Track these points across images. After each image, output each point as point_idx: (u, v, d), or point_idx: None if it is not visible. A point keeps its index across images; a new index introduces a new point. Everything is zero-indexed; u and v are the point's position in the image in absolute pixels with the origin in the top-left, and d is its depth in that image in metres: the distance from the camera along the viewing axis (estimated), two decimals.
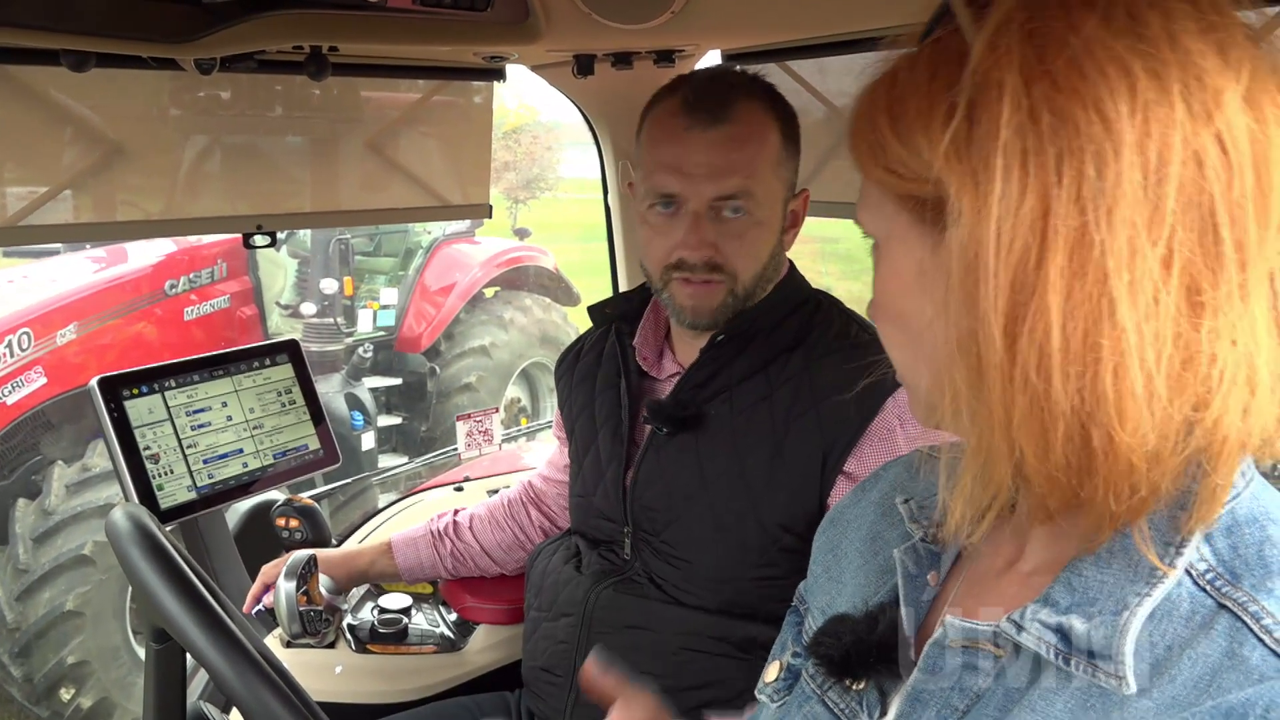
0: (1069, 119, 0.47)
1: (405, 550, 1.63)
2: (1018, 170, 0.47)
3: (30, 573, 3.79)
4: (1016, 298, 0.48)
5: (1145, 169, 0.46)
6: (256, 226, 1.64)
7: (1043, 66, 0.47)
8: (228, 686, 0.85)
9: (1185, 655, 0.48)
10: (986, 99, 0.48)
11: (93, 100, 1.45)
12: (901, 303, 0.59)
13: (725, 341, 1.26)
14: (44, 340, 4.25)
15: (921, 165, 0.52)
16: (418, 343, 6.22)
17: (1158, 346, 0.47)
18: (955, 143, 0.49)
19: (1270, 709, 0.44)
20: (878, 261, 0.61)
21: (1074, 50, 0.47)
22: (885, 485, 0.79)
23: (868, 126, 0.56)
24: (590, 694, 0.90)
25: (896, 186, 0.55)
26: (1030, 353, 0.48)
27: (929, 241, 0.55)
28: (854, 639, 0.66)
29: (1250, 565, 0.49)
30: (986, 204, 0.48)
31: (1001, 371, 0.49)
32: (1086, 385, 0.47)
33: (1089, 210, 0.46)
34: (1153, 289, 0.46)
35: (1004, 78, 0.48)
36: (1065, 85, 0.47)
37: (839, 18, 1.39)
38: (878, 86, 0.56)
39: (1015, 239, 0.47)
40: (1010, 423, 0.49)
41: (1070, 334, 0.47)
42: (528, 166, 17.37)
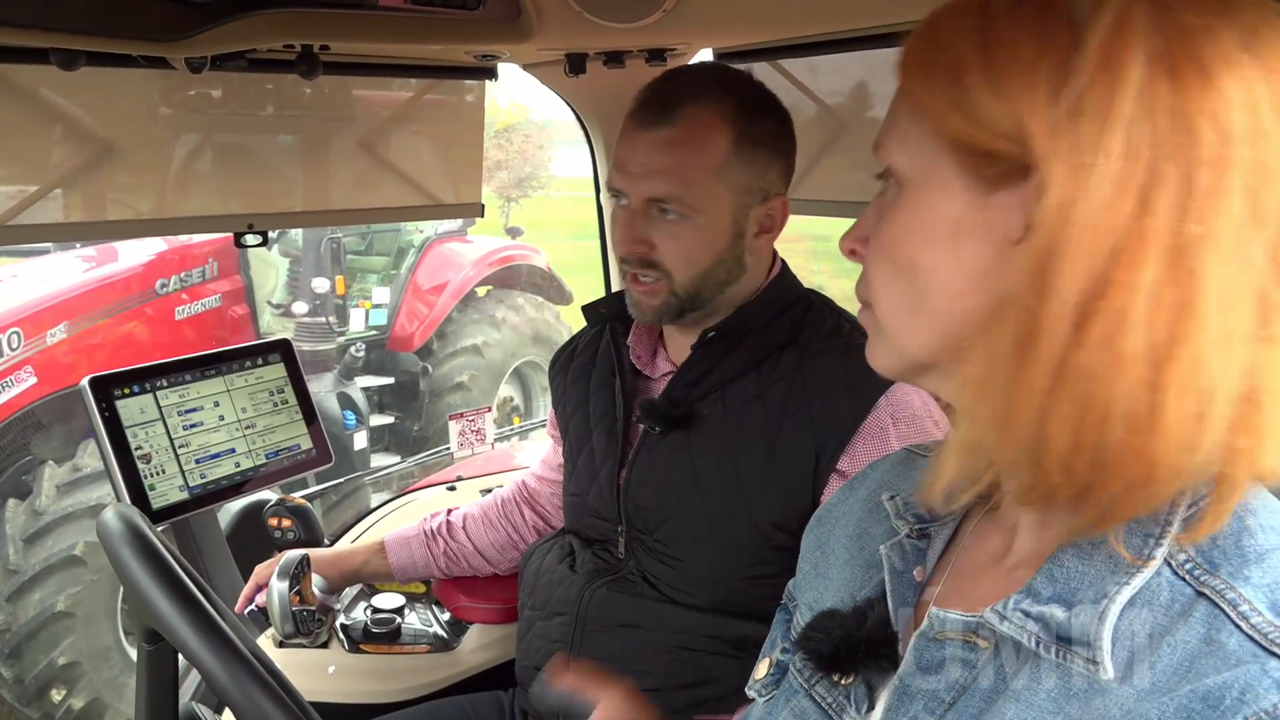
0: (1189, 125, 0.47)
1: (398, 550, 1.63)
2: (1125, 160, 0.47)
3: (21, 573, 3.77)
4: (1096, 289, 0.47)
5: (1246, 196, 0.47)
6: (248, 226, 1.63)
7: (1170, 64, 0.47)
8: (220, 687, 0.84)
9: (1165, 642, 0.49)
10: (1105, 78, 0.48)
11: (83, 99, 1.45)
12: (918, 252, 0.57)
13: (716, 340, 1.26)
14: (34, 340, 4.23)
15: (1006, 121, 0.50)
16: (410, 342, 6.21)
17: (1229, 373, 0.47)
18: (1063, 112, 0.48)
19: (1245, 691, 0.45)
20: (897, 201, 0.58)
21: (1207, 58, 0.47)
22: (872, 483, 0.79)
23: (948, 60, 0.53)
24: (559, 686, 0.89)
25: (967, 133, 0.52)
26: (1099, 347, 0.47)
27: (973, 198, 0.54)
28: (843, 634, 0.66)
29: (1228, 554, 0.50)
30: (1084, 184, 0.47)
31: (1058, 357, 0.48)
32: (1149, 395, 0.47)
33: (1194, 221, 0.46)
34: (1236, 314, 0.47)
35: (1128, 63, 0.47)
36: (1192, 91, 0.47)
37: (831, 16, 1.39)
38: (965, 18, 0.54)
39: (1108, 229, 0.47)
40: (1049, 407, 0.49)
41: (1148, 341, 0.47)
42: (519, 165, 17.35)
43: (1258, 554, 0.50)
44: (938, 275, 0.56)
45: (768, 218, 1.24)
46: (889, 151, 0.59)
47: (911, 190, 0.57)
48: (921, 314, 0.58)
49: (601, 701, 0.91)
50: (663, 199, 1.19)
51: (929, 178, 0.56)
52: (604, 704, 0.91)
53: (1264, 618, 0.47)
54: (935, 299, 0.56)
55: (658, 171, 1.18)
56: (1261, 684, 0.45)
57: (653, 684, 1.24)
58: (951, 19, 0.54)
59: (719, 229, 1.21)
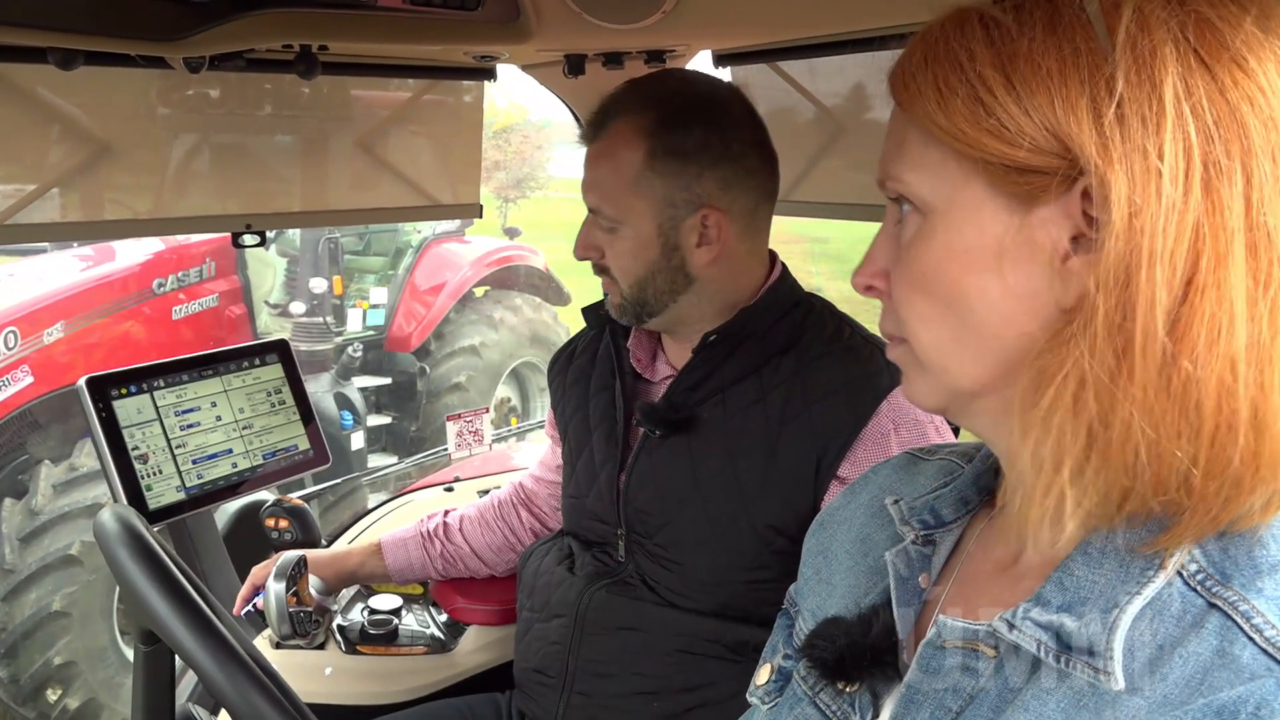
0: (1236, 116, 0.46)
1: (395, 551, 1.62)
2: (1183, 158, 0.46)
3: (17, 573, 3.76)
4: (1184, 295, 0.46)
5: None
6: (245, 226, 1.63)
7: (1200, 57, 0.47)
8: (217, 688, 0.84)
9: (1177, 654, 0.48)
10: (1141, 79, 0.47)
11: (80, 98, 1.44)
12: (960, 282, 0.54)
13: (716, 343, 1.26)
14: (31, 339, 4.23)
15: (1044, 135, 0.49)
16: (407, 342, 6.21)
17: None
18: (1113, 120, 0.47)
19: (1260, 707, 0.44)
20: (923, 232, 0.56)
21: (1235, 46, 0.47)
22: (874, 488, 0.78)
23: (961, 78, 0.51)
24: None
25: (996, 152, 0.50)
26: (1209, 354, 0.46)
27: (1013, 218, 0.52)
28: (848, 641, 0.65)
29: (1240, 565, 0.50)
30: (1151, 189, 0.47)
31: (1164, 369, 0.47)
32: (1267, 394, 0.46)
33: (1268, 212, 0.46)
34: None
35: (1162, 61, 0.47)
36: (1229, 81, 0.46)
37: (830, 18, 1.39)
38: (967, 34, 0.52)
39: (1185, 230, 0.46)
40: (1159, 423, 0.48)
41: (1252, 339, 0.46)
42: (518, 166, 17.35)
43: (1270, 565, 0.49)
44: (986, 302, 0.53)
45: (703, 231, 1.22)
46: (904, 181, 0.56)
47: (941, 217, 0.55)
48: (968, 345, 0.55)
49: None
50: (594, 210, 1.26)
51: (957, 202, 0.54)
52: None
53: (1277, 630, 0.46)
54: (985, 327, 0.54)
55: (588, 184, 1.25)
56: (1277, 699, 0.44)
57: (651, 687, 1.24)
58: (955, 36, 0.52)
59: (645, 240, 1.23)
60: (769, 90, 1.71)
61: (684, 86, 1.25)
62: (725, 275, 1.26)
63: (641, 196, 1.21)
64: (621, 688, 1.26)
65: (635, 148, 1.20)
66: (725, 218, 1.22)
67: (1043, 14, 0.50)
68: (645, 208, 1.21)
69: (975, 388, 0.57)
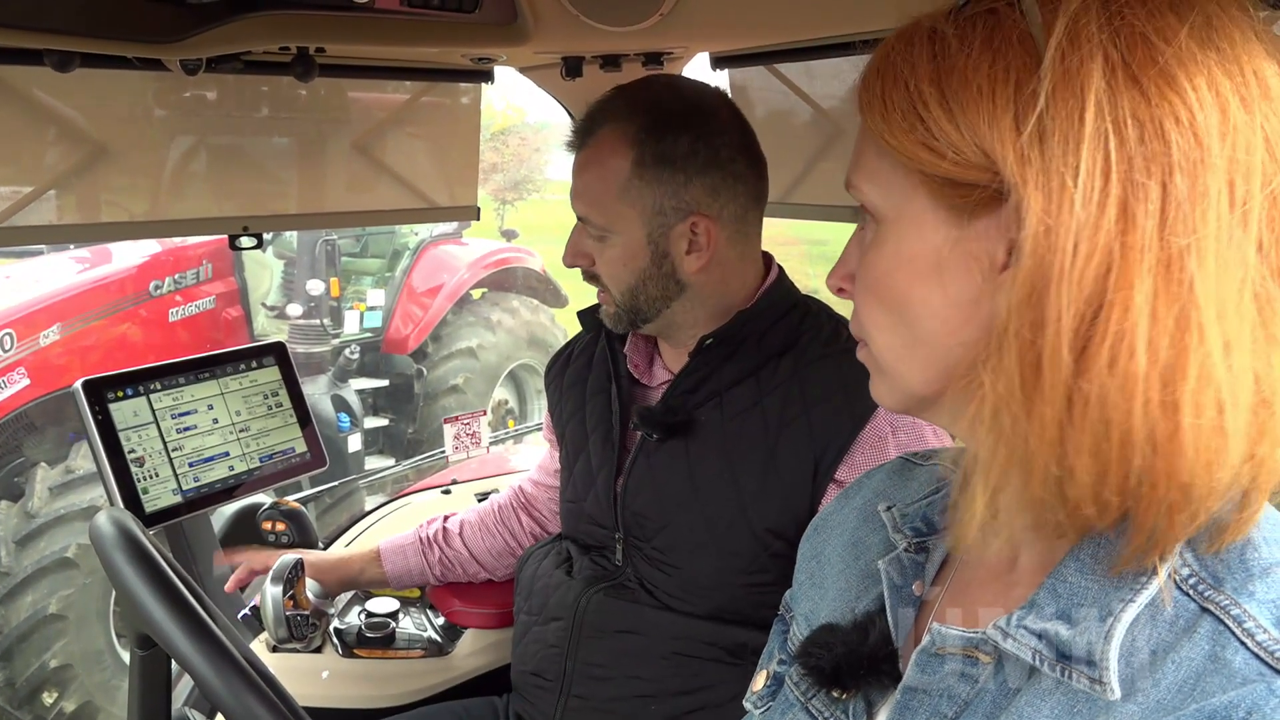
0: (1159, 132, 0.45)
1: (393, 558, 1.62)
2: (1099, 177, 0.46)
3: (12, 576, 3.76)
4: (1090, 314, 0.46)
5: (1232, 197, 0.46)
6: (243, 228, 1.63)
7: (1129, 71, 0.46)
8: (213, 693, 0.84)
9: (1169, 659, 0.48)
10: (1065, 95, 0.46)
11: (77, 100, 1.44)
12: (905, 289, 0.56)
13: (714, 346, 1.26)
14: (27, 341, 4.22)
15: (973, 150, 0.49)
16: (405, 344, 6.20)
17: (1242, 381, 0.46)
18: (1031, 137, 0.47)
19: (1253, 711, 0.44)
20: (876, 239, 0.58)
21: (1166, 59, 0.46)
22: (868, 492, 0.78)
23: (903, 92, 0.52)
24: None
25: (933, 166, 0.51)
26: (1109, 375, 0.46)
27: (953, 230, 0.53)
28: (844, 650, 0.65)
29: (1231, 569, 0.50)
30: (1064, 207, 0.46)
31: (1066, 387, 0.47)
32: (1167, 414, 0.46)
33: (1179, 231, 0.45)
34: (1237, 321, 0.46)
35: (1087, 77, 0.46)
36: (1156, 96, 0.46)
37: (828, 20, 1.39)
38: (916, 49, 0.52)
39: (1095, 250, 0.46)
40: (1066, 440, 0.48)
41: (1154, 360, 0.46)
42: (515, 168, 17.34)
43: (1262, 568, 0.49)
44: (929, 309, 0.55)
45: (692, 238, 1.22)
46: (862, 190, 0.58)
47: (889, 226, 0.56)
48: (917, 349, 0.57)
49: None
50: (583, 218, 1.25)
51: (904, 213, 0.55)
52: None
53: (1269, 634, 0.46)
54: (929, 333, 0.55)
55: (576, 192, 1.25)
56: (1268, 704, 0.44)
57: (648, 690, 1.24)
58: (903, 50, 0.53)
59: (634, 248, 1.22)
60: (766, 92, 1.71)
61: (670, 93, 1.24)
62: (717, 281, 1.26)
63: (629, 204, 1.20)
64: (619, 691, 1.26)
65: (622, 155, 1.20)
66: (714, 224, 1.21)
67: (984, 28, 0.50)
68: (633, 216, 1.21)
69: (927, 391, 0.58)
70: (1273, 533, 0.51)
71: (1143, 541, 0.49)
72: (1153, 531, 0.49)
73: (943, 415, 0.60)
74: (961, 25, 0.51)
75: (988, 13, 0.51)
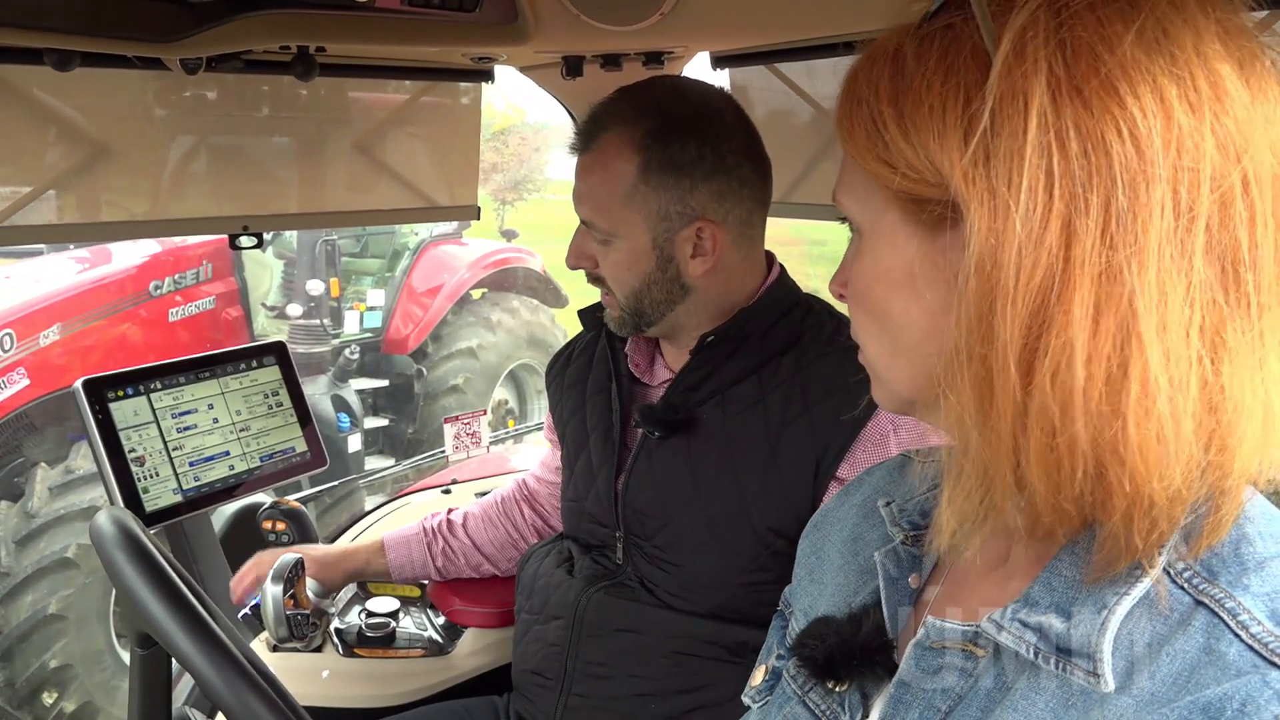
0: (1100, 144, 0.45)
1: (397, 548, 1.62)
2: (1042, 193, 0.46)
3: (12, 576, 3.76)
4: (1035, 327, 0.46)
5: (1176, 205, 0.45)
6: (243, 228, 1.63)
7: (1073, 83, 0.46)
8: (213, 692, 0.84)
9: (1164, 652, 0.48)
10: (1010, 111, 0.46)
11: (77, 100, 1.44)
12: (884, 300, 0.57)
13: (716, 345, 1.26)
14: (27, 341, 4.22)
15: (930, 169, 0.50)
16: (405, 344, 6.21)
17: (1184, 391, 0.46)
18: (975, 156, 0.47)
19: (1246, 703, 0.44)
20: (858, 250, 0.60)
21: (1108, 69, 0.45)
22: (868, 489, 0.79)
23: (866, 114, 0.53)
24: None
25: (895, 183, 0.53)
26: (1049, 387, 0.46)
27: (922, 244, 0.54)
28: (838, 640, 0.66)
29: (1226, 563, 0.50)
30: (1007, 225, 0.46)
31: (1013, 401, 0.48)
32: (1111, 426, 0.46)
33: (1119, 244, 0.45)
34: (1180, 331, 0.46)
35: (1031, 91, 0.46)
36: (1098, 108, 0.45)
37: (828, 20, 1.39)
38: (878, 68, 0.53)
39: (1037, 265, 0.46)
40: (1019, 449, 0.48)
41: (1094, 372, 0.46)
42: (515, 168, 17.34)
43: (1256, 562, 0.49)
44: (907, 319, 0.56)
45: (698, 243, 1.22)
46: (845, 205, 0.60)
47: (868, 239, 0.58)
48: (899, 355, 0.58)
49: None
50: (586, 222, 1.25)
51: (879, 227, 0.56)
52: None
53: (1264, 627, 0.47)
54: (908, 342, 0.57)
55: (580, 195, 1.25)
56: (1262, 695, 0.44)
57: (649, 689, 1.24)
58: (867, 70, 0.54)
59: (639, 253, 1.22)
60: (767, 92, 1.71)
61: (676, 96, 1.23)
62: (721, 283, 1.26)
63: (635, 209, 1.20)
64: (619, 689, 1.26)
65: (628, 160, 1.19)
66: (720, 229, 1.21)
67: (940, 44, 0.51)
68: (639, 220, 1.20)
69: (914, 396, 0.60)
70: (1267, 527, 0.51)
71: (1111, 550, 0.50)
72: (1118, 540, 0.49)
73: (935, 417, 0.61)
74: (921, 42, 0.52)
75: (945, 28, 0.51)
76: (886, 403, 0.63)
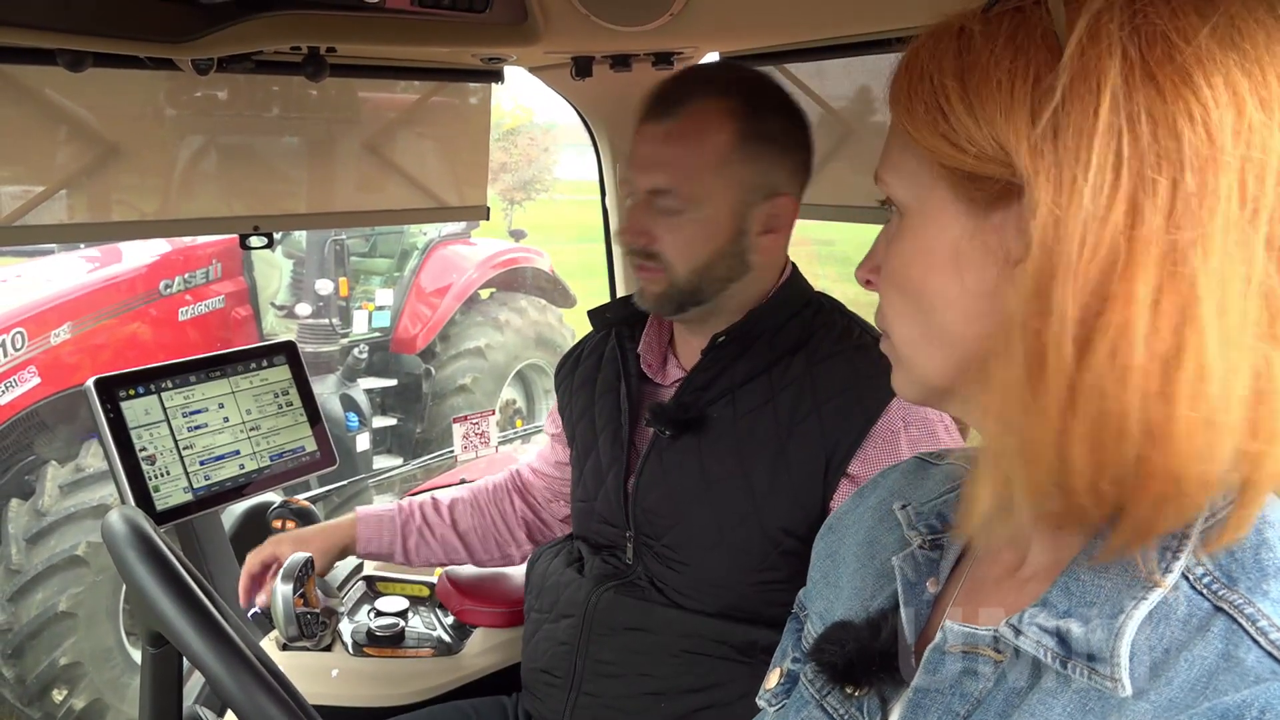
0: (1172, 129, 0.46)
1: (367, 521, 1.56)
2: (1110, 171, 0.46)
3: (23, 573, 3.77)
4: (1095, 304, 0.47)
5: (1243, 194, 0.46)
6: (253, 227, 1.63)
7: (1147, 68, 0.46)
8: (224, 691, 0.84)
9: (1182, 658, 0.48)
10: (1082, 90, 0.47)
11: (89, 100, 1.45)
12: (924, 279, 0.57)
13: (727, 343, 1.26)
14: (38, 340, 4.24)
15: (992, 144, 0.50)
16: (413, 344, 6.21)
17: (1237, 376, 0.46)
18: (1045, 131, 0.48)
19: (1266, 710, 0.44)
20: (899, 231, 0.59)
21: (1184, 58, 0.46)
22: (883, 491, 0.79)
23: (928, 87, 0.53)
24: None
25: (952, 158, 0.53)
26: (1106, 364, 0.47)
27: (969, 222, 0.54)
28: (856, 646, 0.66)
29: (1246, 568, 0.50)
30: (1074, 202, 0.47)
31: (1067, 377, 0.48)
32: (1162, 406, 0.46)
33: (1185, 226, 0.46)
34: (1238, 317, 0.46)
35: (1105, 72, 0.47)
36: (1171, 93, 0.46)
37: (838, 21, 1.39)
38: (943, 44, 0.53)
39: (1101, 242, 0.46)
40: (1066, 429, 0.48)
41: (1153, 352, 0.46)
42: (524, 168, 17.36)
43: (1277, 568, 0.49)
44: (945, 300, 0.56)
45: (773, 217, 1.24)
46: (888, 183, 0.60)
47: (911, 218, 0.58)
48: (934, 340, 0.58)
49: None
50: (663, 190, 1.21)
51: (925, 205, 0.56)
52: None
53: None
54: (946, 324, 0.56)
55: (659, 163, 1.21)
56: None
57: (659, 688, 1.24)
58: (931, 47, 0.54)
59: (718, 223, 1.22)
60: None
61: (757, 74, 1.27)
62: (771, 265, 1.28)
63: (724, 179, 1.20)
64: (629, 688, 1.26)
65: (722, 129, 1.19)
66: (793, 205, 1.24)
67: (1009, 25, 0.51)
68: (725, 191, 1.21)
69: (944, 383, 0.59)
70: None
71: (1129, 534, 0.50)
72: (1140, 523, 0.49)
73: (956, 405, 0.61)
74: (988, 23, 0.52)
75: (1014, 11, 0.52)
76: (908, 390, 0.63)
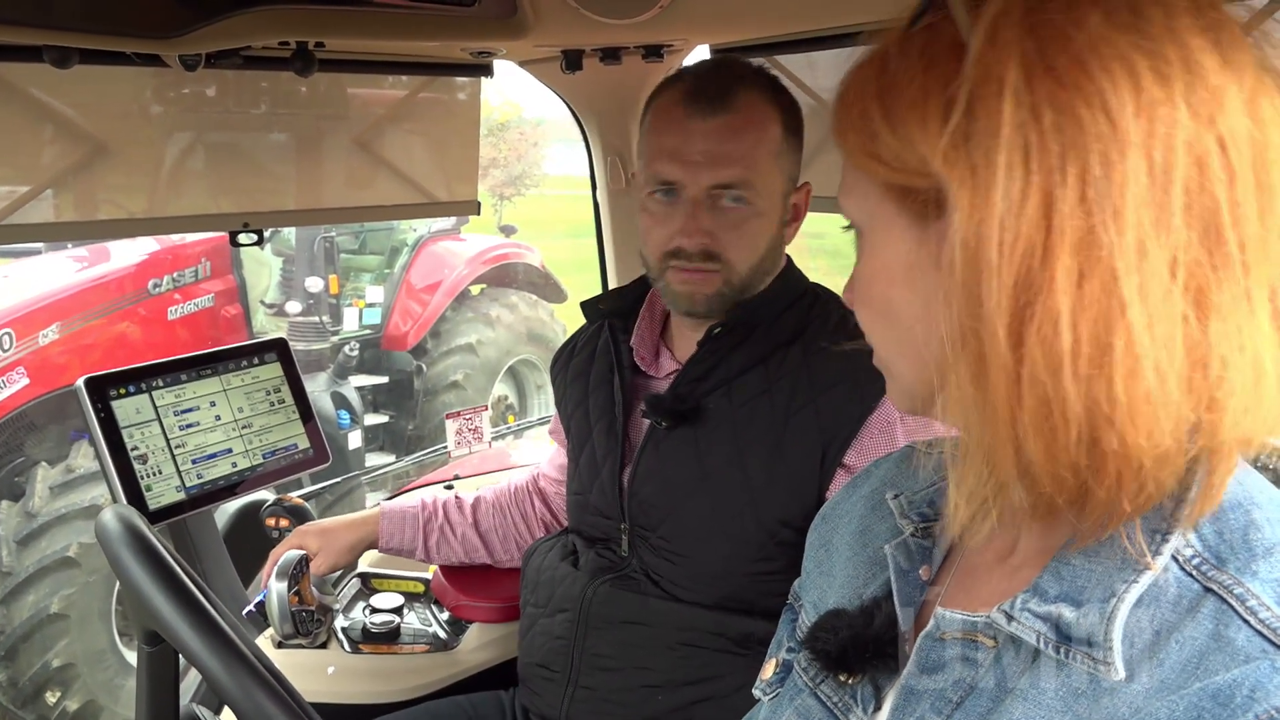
0: (1073, 117, 0.47)
1: (391, 517, 1.57)
2: (1020, 168, 0.47)
3: (14, 575, 3.76)
4: (1021, 296, 0.47)
5: (1151, 170, 0.46)
6: (243, 224, 1.62)
7: (1045, 62, 0.47)
8: (221, 688, 0.84)
9: (1173, 639, 0.49)
10: (986, 93, 0.48)
11: (76, 97, 1.44)
12: (887, 293, 0.59)
13: (723, 334, 1.26)
14: (26, 341, 4.22)
15: (915, 158, 0.52)
16: (404, 341, 6.20)
17: (1169, 349, 0.47)
18: (954, 138, 0.49)
19: (1256, 689, 0.45)
20: (861, 249, 0.61)
21: (1078, 46, 0.47)
22: (876, 481, 0.79)
23: (857, 113, 0.55)
24: None
25: (885, 176, 0.55)
26: (1038, 353, 0.47)
27: (916, 234, 0.55)
28: (850, 634, 0.66)
29: (1235, 549, 0.50)
30: (988, 201, 0.48)
31: (1007, 371, 0.48)
32: (1099, 387, 0.47)
33: (1095, 210, 0.46)
34: (1162, 291, 0.47)
35: (1005, 72, 0.48)
36: (1069, 82, 0.47)
37: (827, 12, 1.39)
38: (866, 70, 0.56)
39: (1019, 237, 0.47)
40: (1016, 421, 0.49)
41: (1080, 335, 0.47)
42: (513, 163, 17.31)
43: (1265, 548, 0.50)
44: (909, 312, 0.57)
45: (796, 206, 1.28)
46: (845, 207, 0.62)
47: (867, 237, 0.60)
48: (905, 352, 0.60)
49: None
50: (732, 184, 1.19)
51: (876, 223, 0.58)
52: None
53: (1272, 613, 0.47)
54: (912, 336, 0.58)
55: (722, 158, 1.18)
56: (1272, 681, 0.45)
57: (656, 680, 1.24)
58: (857, 74, 0.57)
59: (773, 215, 1.24)
60: None
61: None
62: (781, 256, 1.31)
63: (779, 169, 1.23)
64: (626, 681, 1.26)
65: (774, 120, 1.21)
66: (809, 193, 1.28)
67: (921, 40, 0.53)
68: (780, 182, 1.24)
69: (923, 391, 0.60)
70: (1276, 513, 0.52)
71: (1099, 516, 0.51)
72: (1105, 505, 0.50)
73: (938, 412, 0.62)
74: (905, 41, 0.54)
75: (926, 28, 0.53)
76: (899, 402, 0.64)
